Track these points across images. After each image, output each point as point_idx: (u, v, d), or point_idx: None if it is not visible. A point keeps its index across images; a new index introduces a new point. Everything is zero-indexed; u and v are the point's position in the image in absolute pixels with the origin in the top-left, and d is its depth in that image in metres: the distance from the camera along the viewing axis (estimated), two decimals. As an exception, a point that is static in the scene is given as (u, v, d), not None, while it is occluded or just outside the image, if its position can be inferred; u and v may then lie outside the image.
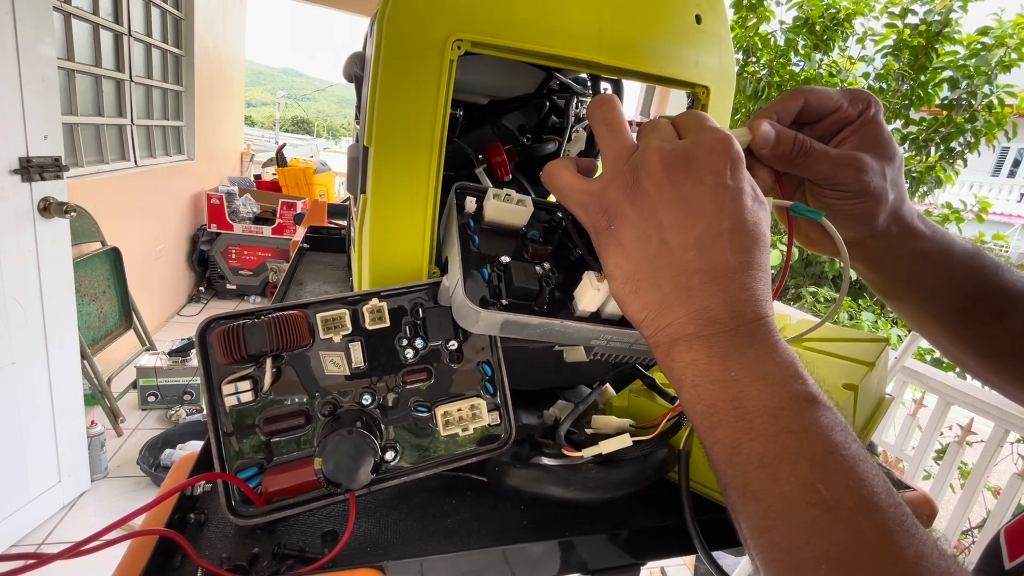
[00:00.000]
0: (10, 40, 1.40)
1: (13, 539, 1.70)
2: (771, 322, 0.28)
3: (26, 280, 1.56)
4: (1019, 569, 0.30)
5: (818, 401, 0.25)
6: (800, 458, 0.24)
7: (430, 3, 0.35)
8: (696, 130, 0.30)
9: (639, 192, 0.29)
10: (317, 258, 0.93)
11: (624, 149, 0.30)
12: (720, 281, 0.27)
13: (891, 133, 0.38)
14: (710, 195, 0.28)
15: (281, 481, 0.32)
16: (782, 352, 0.27)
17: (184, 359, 2.55)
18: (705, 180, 0.28)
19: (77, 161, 2.46)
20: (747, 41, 3.55)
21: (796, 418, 0.25)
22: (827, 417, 0.25)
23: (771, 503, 0.24)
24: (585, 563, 0.37)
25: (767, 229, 0.29)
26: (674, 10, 0.41)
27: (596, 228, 0.31)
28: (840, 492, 0.23)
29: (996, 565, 0.32)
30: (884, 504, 0.22)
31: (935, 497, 1.26)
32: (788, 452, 0.24)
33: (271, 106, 35.38)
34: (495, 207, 0.36)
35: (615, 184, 0.30)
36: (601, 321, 0.34)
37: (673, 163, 0.28)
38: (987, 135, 3.19)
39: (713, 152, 0.28)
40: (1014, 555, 0.31)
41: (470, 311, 0.32)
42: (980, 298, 0.40)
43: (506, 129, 0.58)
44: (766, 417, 0.25)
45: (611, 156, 0.31)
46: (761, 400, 0.25)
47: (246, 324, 0.32)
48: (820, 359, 0.48)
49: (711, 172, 0.28)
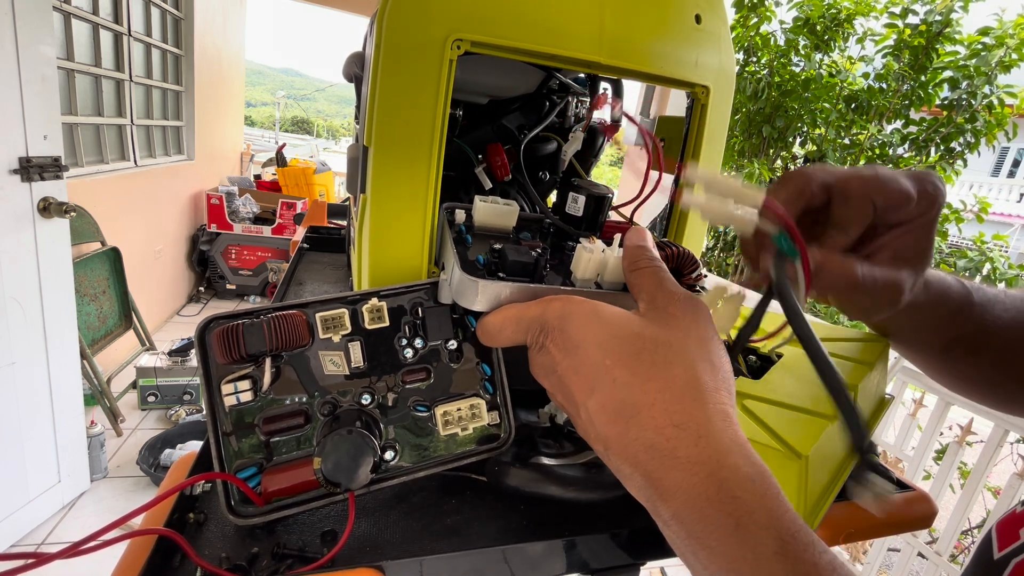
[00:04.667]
0: (10, 40, 1.40)
1: (13, 539, 1.70)
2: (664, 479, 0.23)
3: (26, 280, 1.56)
4: (1006, 559, 0.31)
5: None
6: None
7: (430, 3, 0.35)
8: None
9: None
10: (317, 258, 0.93)
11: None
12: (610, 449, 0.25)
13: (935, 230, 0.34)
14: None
15: (280, 481, 0.32)
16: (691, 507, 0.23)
17: (184, 359, 2.55)
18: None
19: (77, 161, 2.46)
20: (748, 41, 3.55)
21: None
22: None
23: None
24: (585, 563, 0.37)
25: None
26: (674, 10, 0.41)
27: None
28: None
29: (987, 556, 0.32)
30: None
31: (935, 497, 1.26)
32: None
33: (271, 106, 35.39)
34: (483, 209, 0.37)
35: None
36: (602, 290, 0.34)
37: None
38: (987, 135, 3.19)
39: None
40: (1003, 546, 0.32)
41: (468, 284, 0.32)
42: (959, 338, 0.42)
43: (506, 129, 0.58)
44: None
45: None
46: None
47: (245, 324, 0.32)
48: (820, 359, 0.48)
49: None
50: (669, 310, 0.27)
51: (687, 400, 0.24)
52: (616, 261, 0.33)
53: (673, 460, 0.23)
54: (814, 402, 0.41)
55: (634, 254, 0.31)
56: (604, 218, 0.39)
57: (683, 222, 0.47)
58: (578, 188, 0.38)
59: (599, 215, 0.38)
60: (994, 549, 0.32)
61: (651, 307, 0.28)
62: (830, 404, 0.40)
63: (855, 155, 3.50)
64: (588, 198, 0.37)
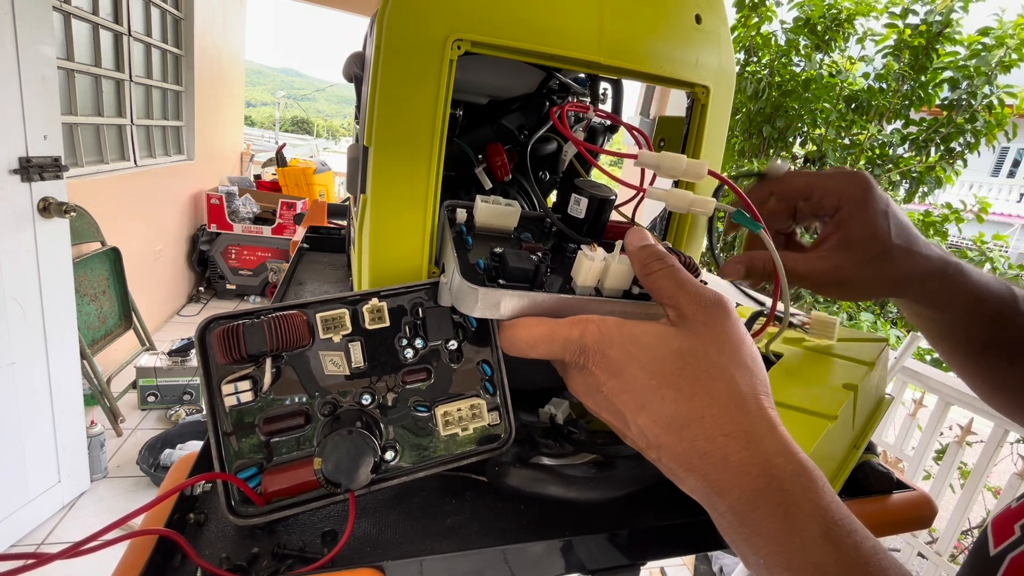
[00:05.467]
0: (10, 40, 1.40)
1: (13, 539, 1.70)
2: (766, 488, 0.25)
3: (26, 280, 1.56)
4: (1002, 554, 0.31)
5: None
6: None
7: (430, 3, 0.34)
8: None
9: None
10: (317, 258, 0.93)
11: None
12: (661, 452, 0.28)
13: (878, 220, 0.38)
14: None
15: (281, 481, 0.32)
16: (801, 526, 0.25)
17: (184, 359, 2.55)
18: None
19: (77, 161, 2.47)
20: (748, 41, 3.55)
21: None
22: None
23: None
24: (585, 563, 0.37)
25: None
26: (674, 10, 0.41)
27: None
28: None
29: (983, 554, 0.32)
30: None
31: (935, 497, 1.26)
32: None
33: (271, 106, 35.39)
34: (485, 210, 0.37)
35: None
36: (604, 297, 0.34)
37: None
38: (987, 135, 3.18)
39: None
40: (998, 542, 0.32)
41: (468, 291, 0.32)
42: (1000, 342, 0.43)
43: (506, 129, 0.58)
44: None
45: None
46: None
47: (246, 324, 0.32)
48: (820, 359, 0.48)
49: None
50: (699, 317, 0.28)
51: (732, 411, 0.26)
52: (617, 268, 0.33)
53: (726, 464, 0.26)
54: (814, 402, 0.41)
55: (643, 257, 0.31)
56: (606, 219, 0.39)
57: (683, 222, 0.47)
58: (581, 190, 0.38)
59: (601, 217, 0.38)
60: (990, 546, 0.32)
61: (680, 315, 0.29)
62: (829, 404, 0.40)
63: (855, 155, 3.49)
64: (591, 200, 0.37)
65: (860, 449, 0.45)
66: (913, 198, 3.47)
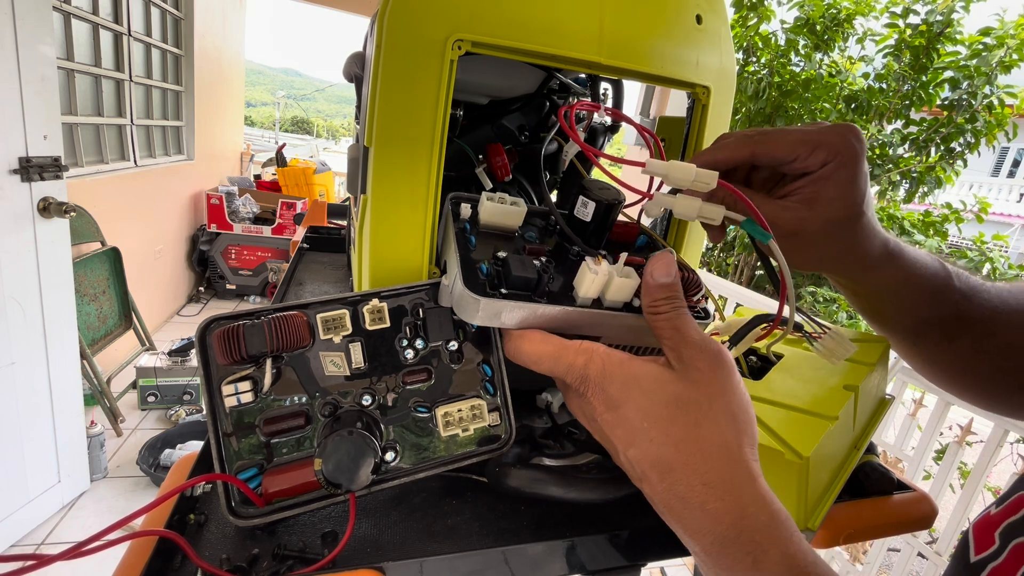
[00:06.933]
0: (10, 40, 1.40)
1: (13, 539, 1.70)
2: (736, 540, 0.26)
3: (26, 280, 1.56)
4: (983, 563, 0.31)
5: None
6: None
7: (430, 3, 0.34)
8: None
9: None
10: (317, 258, 0.93)
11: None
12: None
13: (859, 181, 0.36)
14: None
15: (281, 482, 0.32)
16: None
17: (184, 359, 2.55)
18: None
19: (77, 161, 2.46)
20: (748, 41, 3.55)
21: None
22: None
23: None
24: (585, 564, 0.37)
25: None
26: (674, 10, 0.41)
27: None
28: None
29: (965, 558, 0.32)
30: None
31: (935, 497, 1.26)
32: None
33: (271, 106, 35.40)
34: (490, 208, 0.36)
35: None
36: (603, 308, 0.34)
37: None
38: (987, 135, 3.18)
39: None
40: (979, 549, 0.32)
41: (470, 300, 0.32)
42: (936, 321, 0.43)
43: (506, 129, 0.58)
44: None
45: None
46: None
47: (246, 324, 0.32)
48: (820, 359, 0.48)
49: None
50: (697, 364, 0.29)
51: (715, 460, 0.27)
52: (619, 283, 0.32)
53: (702, 511, 0.27)
54: (814, 402, 0.41)
55: (655, 296, 0.31)
56: (613, 222, 0.38)
57: (684, 222, 0.47)
58: (589, 192, 0.37)
59: (608, 220, 0.37)
60: (971, 552, 0.32)
61: (678, 361, 0.29)
62: (830, 404, 0.40)
63: (855, 155, 3.48)
64: (598, 204, 0.37)
65: (861, 450, 0.45)
66: (913, 198, 3.47)
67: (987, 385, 0.45)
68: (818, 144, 0.35)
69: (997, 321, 0.42)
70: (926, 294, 0.41)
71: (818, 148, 0.35)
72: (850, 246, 0.38)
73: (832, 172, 0.35)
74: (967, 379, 0.46)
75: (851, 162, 0.35)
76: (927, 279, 0.41)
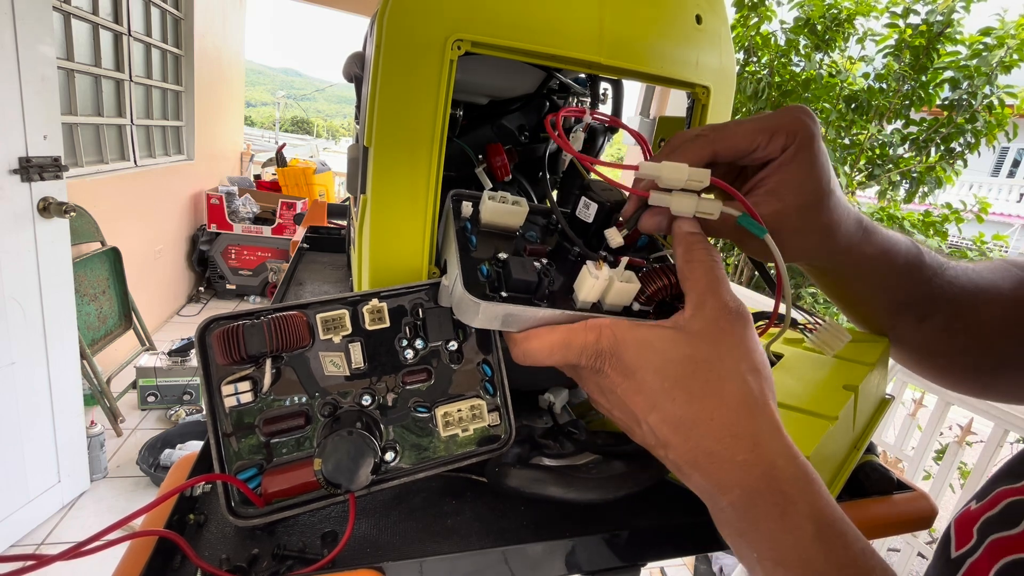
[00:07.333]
0: (10, 40, 1.40)
1: (12, 539, 1.70)
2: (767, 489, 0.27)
3: (26, 280, 1.56)
4: (962, 558, 0.31)
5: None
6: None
7: (430, 3, 0.34)
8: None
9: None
10: (317, 258, 0.93)
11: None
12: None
13: (821, 159, 0.35)
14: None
15: (281, 482, 0.32)
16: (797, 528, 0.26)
17: (184, 359, 2.55)
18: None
19: (77, 161, 2.46)
20: (748, 41, 3.55)
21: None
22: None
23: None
24: (585, 564, 0.37)
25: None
26: (674, 10, 0.41)
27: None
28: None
29: (946, 554, 0.32)
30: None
31: (935, 497, 1.26)
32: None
33: (271, 106, 35.42)
34: (491, 208, 0.36)
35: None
36: (603, 312, 0.34)
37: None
38: (987, 135, 3.18)
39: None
40: (960, 544, 0.32)
41: (470, 303, 0.32)
42: (909, 303, 0.43)
43: (506, 129, 0.58)
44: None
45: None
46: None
47: (246, 325, 0.32)
48: (819, 359, 0.48)
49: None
50: (720, 323, 0.29)
51: (742, 414, 0.27)
52: (620, 287, 0.32)
53: (731, 464, 0.27)
54: (814, 402, 0.41)
55: (690, 241, 0.31)
56: (615, 222, 0.38)
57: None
58: (592, 193, 0.37)
59: (610, 221, 0.37)
60: (952, 547, 0.32)
61: (700, 315, 0.29)
62: (830, 404, 0.40)
63: (855, 155, 3.49)
64: (600, 206, 0.37)
65: (860, 450, 0.45)
66: (913, 198, 3.47)
67: (957, 366, 0.45)
68: (775, 129, 0.34)
69: (963, 301, 0.42)
70: (902, 270, 0.41)
71: (776, 133, 0.34)
72: (827, 226, 0.37)
73: (793, 155, 0.34)
74: (939, 361, 0.46)
75: (809, 141, 0.34)
76: (902, 254, 0.40)
